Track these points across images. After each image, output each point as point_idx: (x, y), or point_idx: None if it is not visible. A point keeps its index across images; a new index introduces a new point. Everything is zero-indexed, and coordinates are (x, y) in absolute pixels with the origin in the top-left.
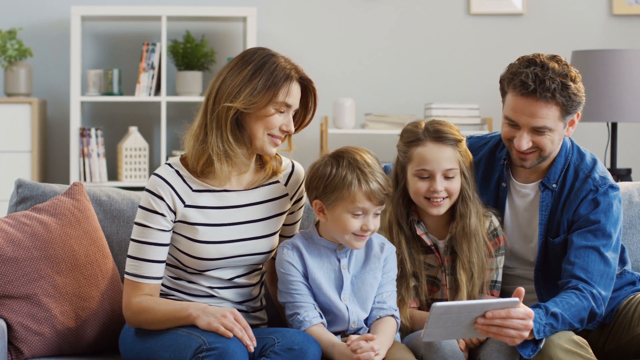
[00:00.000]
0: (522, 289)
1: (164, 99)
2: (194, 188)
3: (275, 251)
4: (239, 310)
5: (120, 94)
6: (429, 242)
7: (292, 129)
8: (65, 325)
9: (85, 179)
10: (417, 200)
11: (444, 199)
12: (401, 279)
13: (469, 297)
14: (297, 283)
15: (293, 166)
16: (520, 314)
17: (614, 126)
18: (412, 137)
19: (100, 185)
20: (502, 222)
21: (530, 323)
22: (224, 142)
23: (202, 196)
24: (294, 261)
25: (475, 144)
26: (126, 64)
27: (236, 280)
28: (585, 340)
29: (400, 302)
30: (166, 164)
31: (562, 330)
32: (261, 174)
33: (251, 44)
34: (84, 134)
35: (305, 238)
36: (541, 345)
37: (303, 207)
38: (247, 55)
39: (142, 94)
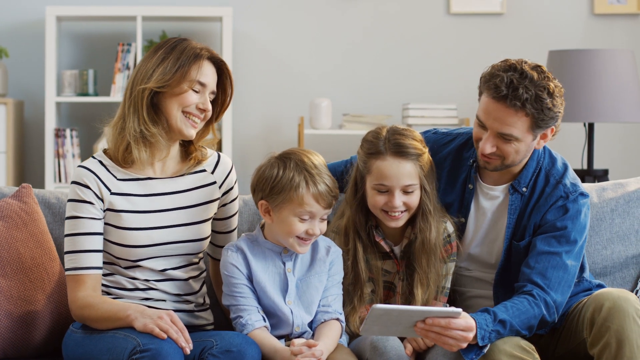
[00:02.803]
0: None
1: None
2: (118, 177)
3: (209, 239)
4: (183, 310)
5: (96, 94)
6: (386, 248)
7: (209, 107)
8: (10, 328)
9: (60, 180)
10: (375, 212)
11: (402, 212)
12: (355, 286)
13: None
14: (241, 286)
15: (219, 156)
16: (460, 326)
17: (591, 127)
18: (372, 149)
19: (68, 186)
20: (465, 224)
21: (470, 335)
22: (140, 124)
23: (127, 184)
24: (238, 264)
25: (440, 140)
26: (101, 64)
27: (170, 272)
28: (532, 346)
29: (352, 310)
30: (91, 156)
31: (509, 336)
32: (186, 164)
33: (227, 43)
34: (59, 134)
35: (251, 241)
36: (485, 350)
37: (237, 201)
38: (160, 44)
39: (118, 94)
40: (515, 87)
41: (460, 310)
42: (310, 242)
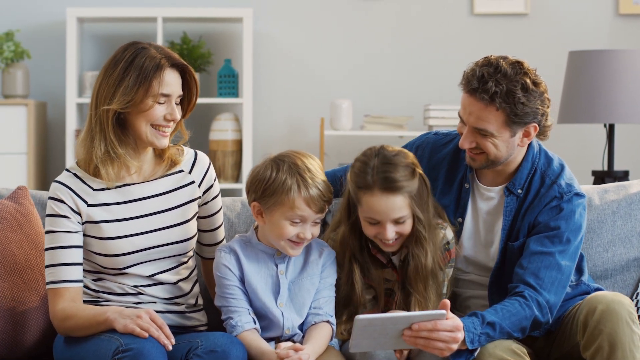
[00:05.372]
0: (447, 302)
1: None
2: (94, 187)
3: (195, 238)
4: (174, 312)
5: None
6: (384, 260)
7: (177, 116)
8: (3, 329)
9: None
10: (368, 237)
11: (396, 239)
12: (348, 302)
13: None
14: (232, 287)
15: (196, 154)
16: (447, 327)
17: (612, 128)
18: (360, 183)
19: None
20: (462, 225)
21: (459, 335)
22: (107, 145)
23: (105, 194)
24: (231, 265)
25: (439, 140)
26: None
27: (158, 276)
28: (524, 349)
29: (339, 325)
30: (65, 170)
31: (500, 339)
32: (162, 165)
33: (247, 44)
34: (79, 135)
35: (244, 242)
36: (476, 354)
37: (219, 197)
38: (118, 54)
39: None
40: (485, 81)
41: (444, 311)
42: (302, 245)
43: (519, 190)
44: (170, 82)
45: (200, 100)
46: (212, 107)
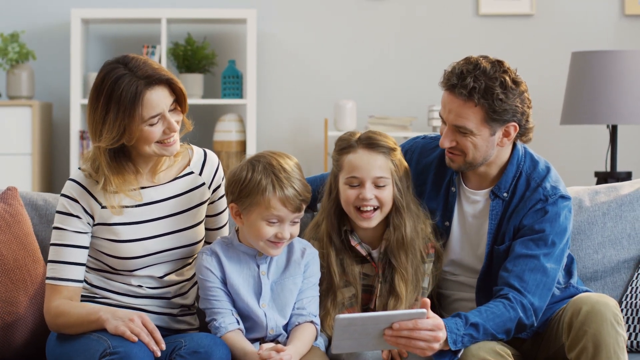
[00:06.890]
0: (427, 300)
1: None
2: (109, 190)
3: (203, 241)
4: (166, 314)
5: None
6: (363, 253)
7: (175, 126)
8: None
9: None
10: (348, 210)
11: (374, 210)
12: (328, 292)
13: (410, 307)
14: (214, 289)
15: (205, 154)
16: (428, 326)
17: (614, 128)
18: (344, 145)
19: None
20: (449, 228)
21: (440, 334)
22: (105, 180)
23: (119, 196)
24: (212, 267)
25: (428, 144)
26: None
27: (164, 278)
28: (508, 350)
29: (325, 316)
30: (79, 169)
31: (484, 340)
32: (173, 166)
33: (251, 45)
34: (83, 136)
35: (226, 244)
36: (459, 355)
37: (224, 197)
38: (98, 85)
39: None
40: (464, 77)
41: (424, 310)
42: (282, 245)
43: (505, 194)
44: (155, 101)
45: (204, 101)
46: (216, 108)
